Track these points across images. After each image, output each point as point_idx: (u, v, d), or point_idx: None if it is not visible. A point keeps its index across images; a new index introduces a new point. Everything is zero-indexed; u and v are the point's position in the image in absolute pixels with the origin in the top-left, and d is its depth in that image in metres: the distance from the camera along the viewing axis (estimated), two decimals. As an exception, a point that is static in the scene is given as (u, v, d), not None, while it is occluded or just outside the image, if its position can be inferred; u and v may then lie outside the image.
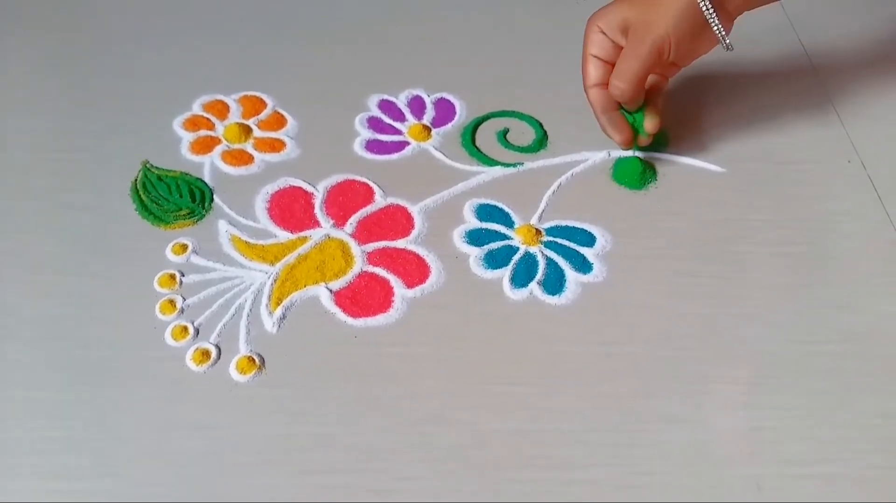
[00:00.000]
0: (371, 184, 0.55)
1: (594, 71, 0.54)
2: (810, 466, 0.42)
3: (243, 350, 0.46)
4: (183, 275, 0.49)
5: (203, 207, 0.53)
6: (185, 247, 0.51)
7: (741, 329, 0.48)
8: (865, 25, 0.68)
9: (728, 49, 0.52)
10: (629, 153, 0.57)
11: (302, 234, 0.52)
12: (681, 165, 0.57)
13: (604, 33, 0.53)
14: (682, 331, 0.48)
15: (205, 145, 0.57)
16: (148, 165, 0.55)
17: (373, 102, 0.61)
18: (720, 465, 0.42)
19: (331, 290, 0.49)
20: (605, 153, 0.57)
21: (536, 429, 0.43)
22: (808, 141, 0.59)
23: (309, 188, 0.55)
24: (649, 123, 0.54)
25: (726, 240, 0.53)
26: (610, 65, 0.53)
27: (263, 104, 0.60)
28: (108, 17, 0.68)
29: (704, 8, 0.50)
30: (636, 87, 0.52)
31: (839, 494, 0.41)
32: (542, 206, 0.54)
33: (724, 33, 0.51)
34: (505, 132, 0.59)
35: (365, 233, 0.52)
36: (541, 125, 0.59)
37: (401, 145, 0.58)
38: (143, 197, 0.53)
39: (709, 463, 0.43)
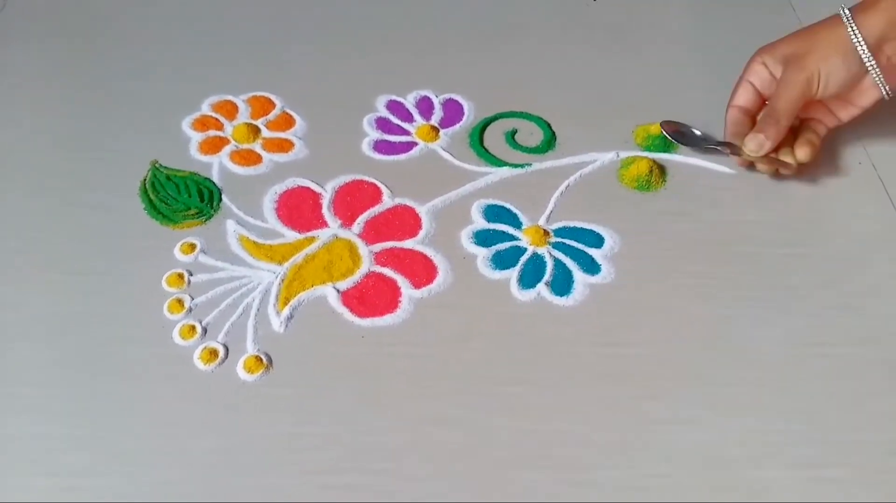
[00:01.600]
0: (379, 184, 0.55)
1: (744, 93, 0.56)
2: (820, 469, 0.42)
3: (251, 349, 0.46)
4: (191, 275, 0.49)
5: (211, 207, 0.53)
6: (193, 246, 0.51)
7: (750, 331, 0.48)
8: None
9: (887, 97, 0.53)
10: (637, 153, 0.57)
11: (310, 233, 0.52)
12: (690, 166, 0.57)
13: (765, 65, 0.55)
14: (690, 332, 0.48)
15: (213, 145, 0.57)
16: (157, 165, 0.56)
17: (381, 103, 0.61)
18: (729, 468, 0.42)
19: (338, 290, 0.49)
20: (613, 154, 0.57)
21: (543, 430, 0.43)
22: (819, 142, 0.59)
23: (317, 188, 0.55)
24: (802, 152, 0.54)
25: (735, 241, 0.52)
26: (758, 94, 0.55)
27: (272, 104, 0.61)
28: (117, 19, 0.68)
29: (859, 47, 0.51)
30: (790, 116, 0.53)
31: (850, 497, 0.41)
32: (550, 206, 0.54)
33: (879, 74, 0.52)
34: (513, 133, 0.59)
35: (373, 233, 0.52)
36: (549, 126, 0.59)
37: (409, 146, 0.58)
38: (152, 196, 0.54)
39: (717, 465, 0.42)
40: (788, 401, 0.45)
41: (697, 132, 0.58)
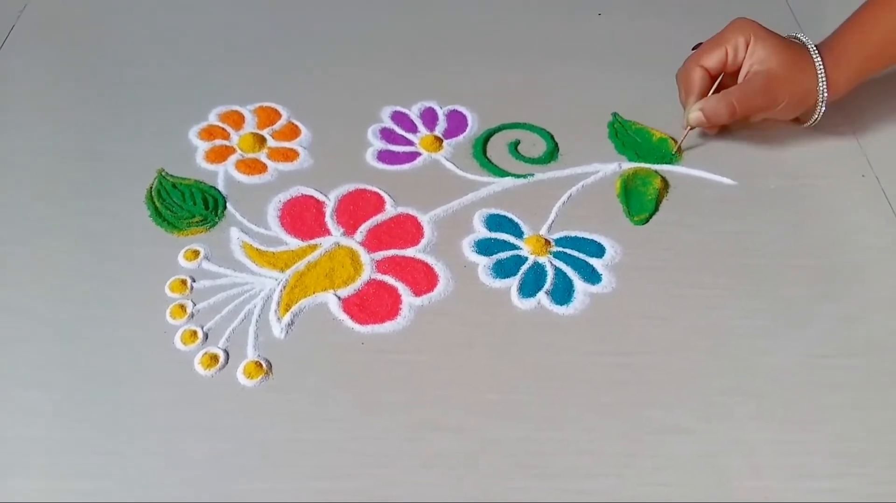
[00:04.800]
0: (382, 193, 0.55)
1: (717, 58, 0.55)
2: (820, 480, 0.42)
3: (251, 355, 0.46)
4: (194, 281, 0.50)
5: (216, 215, 0.54)
6: (197, 253, 0.51)
7: (751, 341, 0.48)
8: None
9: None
10: (639, 164, 0.57)
11: (312, 241, 0.52)
12: (692, 177, 0.57)
13: (748, 46, 0.55)
14: (690, 342, 0.47)
15: (219, 154, 0.58)
16: (163, 173, 0.56)
17: (386, 114, 0.61)
18: (729, 477, 0.42)
19: (339, 297, 0.49)
20: (615, 165, 0.57)
21: (542, 438, 0.43)
22: (822, 155, 0.59)
23: (321, 197, 0.55)
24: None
25: (737, 252, 0.52)
26: (725, 64, 0.56)
27: (278, 115, 0.61)
28: (126, 29, 0.69)
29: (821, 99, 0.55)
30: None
31: (849, 509, 0.41)
32: (551, 216, 0.54)
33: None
34: (516, 144, 0.59)
35: (374, 241, 0.52)
36: (552, 137, 0.59)
37: (412, 156, 0.58)
38: (158, 204, 0.54)
39: (716, 475, 0.42)
40: (788, 412, 0.45)
41: None
